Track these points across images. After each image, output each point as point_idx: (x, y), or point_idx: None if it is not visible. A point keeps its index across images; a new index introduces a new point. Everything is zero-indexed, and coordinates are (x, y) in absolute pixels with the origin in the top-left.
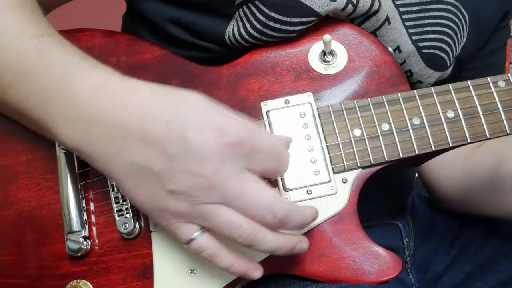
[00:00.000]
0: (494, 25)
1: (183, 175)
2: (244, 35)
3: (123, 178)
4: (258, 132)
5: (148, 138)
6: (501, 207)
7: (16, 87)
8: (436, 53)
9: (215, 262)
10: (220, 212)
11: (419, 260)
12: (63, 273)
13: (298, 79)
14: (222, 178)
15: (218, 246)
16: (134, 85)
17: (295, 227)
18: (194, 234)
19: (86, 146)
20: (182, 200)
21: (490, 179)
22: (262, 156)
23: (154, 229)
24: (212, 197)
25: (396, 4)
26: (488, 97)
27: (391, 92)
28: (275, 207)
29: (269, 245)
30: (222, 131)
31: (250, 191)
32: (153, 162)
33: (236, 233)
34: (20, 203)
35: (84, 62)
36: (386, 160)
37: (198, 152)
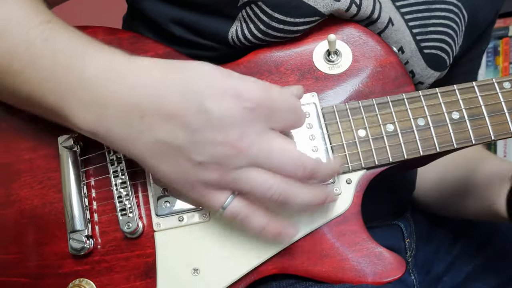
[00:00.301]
0: (485, 27)
1: (209, 146)
2: (247, 36)
3: (147, 157)
4: (272, 90)
5: (166, 113)
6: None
7: (26, 75)
8: (437, 53)
9: (250, 224)
10: (251, 174)
11: (420, 260)
12: (65, 272)
13: (303, 79)
14: (248, 142)
15: (252, 207)
16: (142, 62)
17: (324, 177)
18: (226, 200)
19: (103, 128)
20: (212, 169)
21: (460, 185)
22: (281, 112)
23: (157, 228)
24: (241, 162)
25: (397, 6)
26: (493, 98)
27: (396, 92)
28: (304, 159)
29: (303, 198)
30: (239, 96)
31: (277, 149)
32: (176, 137)
33: (270, 192)
34: (22, 201)
35: (91, 45)
36: (390, 161)
37: (220, 121)
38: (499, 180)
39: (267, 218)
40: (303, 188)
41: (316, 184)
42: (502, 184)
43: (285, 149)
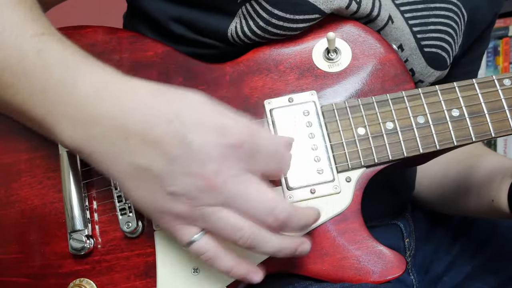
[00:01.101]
0: (484, 27)
1: (184, 177)
2: (247, 33)
3: (124, 179)
4: (259, 133)
5: (149, 138)
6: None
7: (16, 86)
8: (438, 52)
9: (215, 265)
10: (221, 214)
11: (420, 260)
12: (66, 272)
13: (302, 77)
14: (223, 179)
15: (219, 248)
16: (135, 85)
17: (297, 229)
18: (194, 236)
19: (87, 146)
20: (183, 202)
21: (461, 183)
22: (263, 157)
23: (157, 228)
24: (213, 199)
25: (396, 4)
26: (493, 95)
27: (395, 90)
28: (277, 209)
29: (270, 247)
30: (222, 132)
31: (251, 193)
32: (154, 164)
33: (237, 236)
34: (22, 201)
35: (85, 61)
36: (390, 159)
37: (199, 154)
38: (500, 176)
39: (233, 262)
40: (273, 238)
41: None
42: (504, 180)
43: (259, 196)
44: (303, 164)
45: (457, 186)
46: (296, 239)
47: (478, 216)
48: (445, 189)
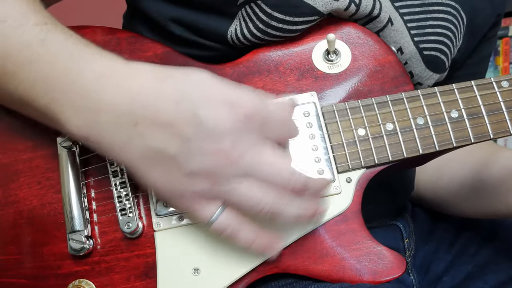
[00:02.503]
0: (486, 29)
1: (201, 155)
2: (246, 35)
3: (137, 165)
4: (267, 102)
5: (160, 121)
6: (480, 209)
7: (20, 76)
8: (436, 55)
9: (237, 239)
10: (242, 186)
11: (419, 260)
12: (65, 273)
13: (302, 78)
14: (240, 152)
15: (240, 221)
16: (138, 69)
17: (314, 191)
18: (216, 212)
19: (95, 134)
20: (202, 179)
21: (474, 181)
22: (274, 124)
23: (157, 228)
24: (232, 172)
25: (396, 6)
26: (491, 97)
27: (395, 91)
28: (296, 173)
29: (291, 211)
30: (233, 105)
31: (268, 161)
32: (168, 145)
33: (260, 205)
34: (21, 201)
35: (88, 49)
36: (390, 160)
37: (213, 130)
38: None
39: (254, 233)
40: (293, 202)
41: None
42: None
43: (276, 161)
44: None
45: (470, 184)
46: (315, 202)
47: (490, 216)
48: (456, 188)
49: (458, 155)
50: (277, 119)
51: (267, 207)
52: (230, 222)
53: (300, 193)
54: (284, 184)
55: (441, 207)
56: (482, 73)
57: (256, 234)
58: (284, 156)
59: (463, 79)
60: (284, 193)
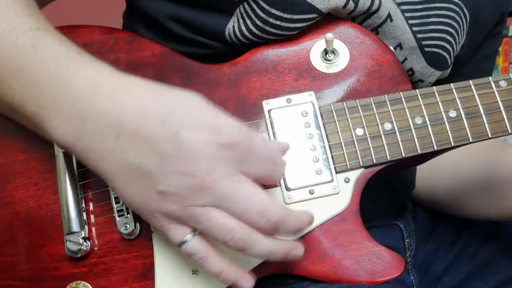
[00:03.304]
0: (491, 26)
1: (175, 175)
2: (244, 32)
3: (115, 177)
4: (254, 135)
5: (141, 135)
6: (494, 210)
7: (10, 81)
8: (438, 51)
9: (205, 267)
10: (212, 214)
11: (420, 260)
12: (62, 275)
13: (300, 78)
14: (215, 179)
15: (209, 250)
16: (130, 82)
17: (290, 232)
18: (186, 236)
19: (79, 142)
20: (173, 201)
21: (483, 181)
22: (257, 159)
23: (154, 229)
24: (204, 199)
25: (397, 3)
26: (489, 96)
27: (393, 91)
28: (270, 211)
29: (262, 250)
30: (216, 131)
31: (243, 194)
32: (145, 161)
33: (227, 237)
34: (17, 203)
35: (80, 57)
36: (388, 159)
37: (191, 152)
38: None
39: (223, 265)
40: (264, 240)
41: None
42: None
43: (251, 197)
44: (302, 165)
45: (476, 184)
46: (288, 243)
47: (497, 218)
48: (463, 188)
49: (470, 153)
50: (260, 156)
51: (235, 239)
52: (199, 249)
53: (273, 231)
54: (255, 220)
55: (450, 208)
56: (487, 71)
57: (224, 266)
58: (260, 192)
59: (469, 76)
60: (256, 229)
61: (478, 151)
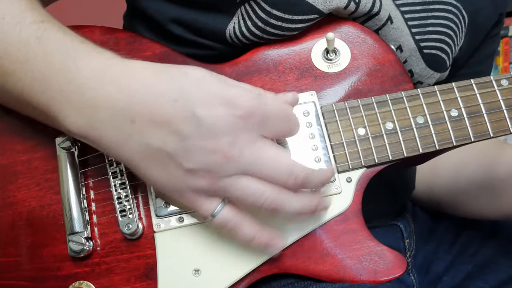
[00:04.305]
0: (489, 27)
1: (199, 153)
2: (245, 33)
3: (137, 162)
4: (266, 98)
5: (157, 119)
6: (492, 209)
7: (17, 74)
8: (437, 53)
9: (239, 234)
10: (242, 182)
11: (420, 260)
12: (65, 275)
13: (301, 78)
14: (239, 150)
15: (241, 216)
16: (135, 66)
17: (317, 185)
18: (216, 208)
19: (94, 132)
20: (202, 176)
21: (483, 181)
22: (274, 121)
23: (157, 229)
24: (232, 169)
25: (397, 4)
26: (491, 95)
27: (394, 90)
28: (296, 168)
29: (293, 206)
30: (231, 104)
31: (268, 157)
32: (166, 143)
33: (260, 200)
34: (19, 203)
35: (84, 46)
36: (390, 159)
37: (211, 128)
38: None
39: (256, 229)
40: (294, 197)
41: (308, 192)
42: None
43: (276, 158)
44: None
45: (475, 184)
46: (316, 197)
47: (496, 218)
48: (462, 188)
49: (470, 153)
50: (276, 117)
51: (267, 201)
52: (231, 217)
53: (301, 188)
54: (284, 180)
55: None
56: (485, 72)
57: (257, 230)
58: (283, 152)
59: (466, 78)
60: (285, 188)
61: (478, 151)
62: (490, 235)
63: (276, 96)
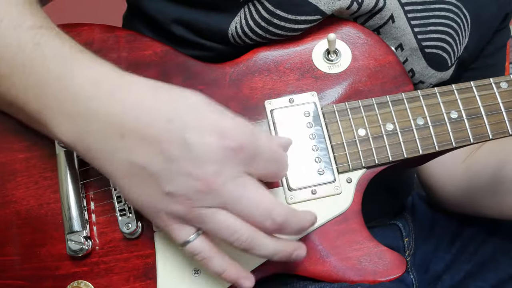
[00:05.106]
0: (495, 27)
1: (182, 177)
2: (247, 32)
3: (120, 177)
4: (259, 135)
5: (147, 136)
6: (503, 209)
7: (12, 79)
8: (438, 52)
9: (208, 266)
10: (218, 216)
11: (419, 259)
12: (63, 274)
13: (302, 78)
14: (222, 182)
15: (213, 249)
16: (132, 81)
17: (294, 232)
18: (190, 236)
19: (83, 142)
20: (180, 202)
21: (493, 180)
22: (262, 160)
23: (157, 229)
24: (211, 200)
25: (402, 3)
26: (490, 98)
27: (395, 92)
28: (275, 212)
29: (266, 250)
30: (224, 135)
31: (249, 195)
32: (151, 162)
33: (233, 237)
34: (18, 202)
35: (82, 56)
36: (390, 160)
37: (199, 156)
38: None
39: (225, 264)
40: (269, 240)
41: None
42: None
43: (257, 197)
44: (304, 165)
45: (487, 182)
46: (292, 243)
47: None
48: (475, 188)
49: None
50: (266, 156)
51: (240, 239)
52: (202, 249)
53: (278, 232)
54: (261, 221)
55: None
56: (499, 64)
57: (226, 265)
58: (266, 193)
59: (479, 71)
60: (261, 229)
61: (490, 151)
62: (490, 234)
63: (270, 137)
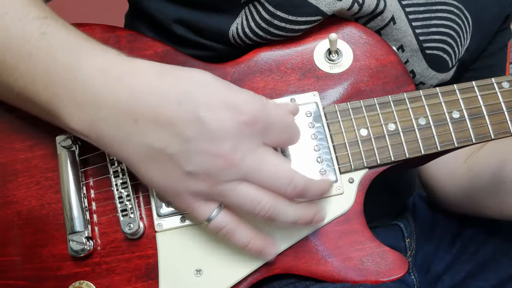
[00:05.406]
0: (496, 28)
1: (201, 156)
2: (248, 34)
3: (137, 162)
4: (269, 106)
5: (161, 120)
6: (504, 209)
7: (20, 70)
8: (439, 54)
9: (234, 239)
10: (240, 188)
11: (420, 260)
12: (65, 274)
13: (304, 78)
14: (240, 156)
15: (237, 222)
16: (140, 65)
17: (315, 195)
18: (213, 213)
19: (96, 129)
20: (201, 180)
21: (495, 180)
22: (276, 129)
23: (158, 229)
24: (231, 175)
25: (403, 4)
26: (492, 97)
27: (396, 91)
28: (295, 177)
29: (289, 215)
30: (236, 109)
31: (268, 165)
32: (168, 144)
33: (257, 208)
34: (19, 202)
35: (89, 44)
36: (392, 160)
37: (215, 133)
38: None
39: (251, 234)
40: (292, 206)
41: (306, 201)
42: None
43: (276, 166)
44: (306, 165)
45: (488, 182)
46: (313, 207)
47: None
48: (476, 188)
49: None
50: (279, 125)
51: (264, 209)
52: (226, 222)
53: (300, 197)
54: (283, 188)
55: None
56: (499, 65)
57: (251, 236)
58: (284, 161)
59: (479, 71)
60: (283, 197)
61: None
62: (490, 234)
63: (278, 105)
